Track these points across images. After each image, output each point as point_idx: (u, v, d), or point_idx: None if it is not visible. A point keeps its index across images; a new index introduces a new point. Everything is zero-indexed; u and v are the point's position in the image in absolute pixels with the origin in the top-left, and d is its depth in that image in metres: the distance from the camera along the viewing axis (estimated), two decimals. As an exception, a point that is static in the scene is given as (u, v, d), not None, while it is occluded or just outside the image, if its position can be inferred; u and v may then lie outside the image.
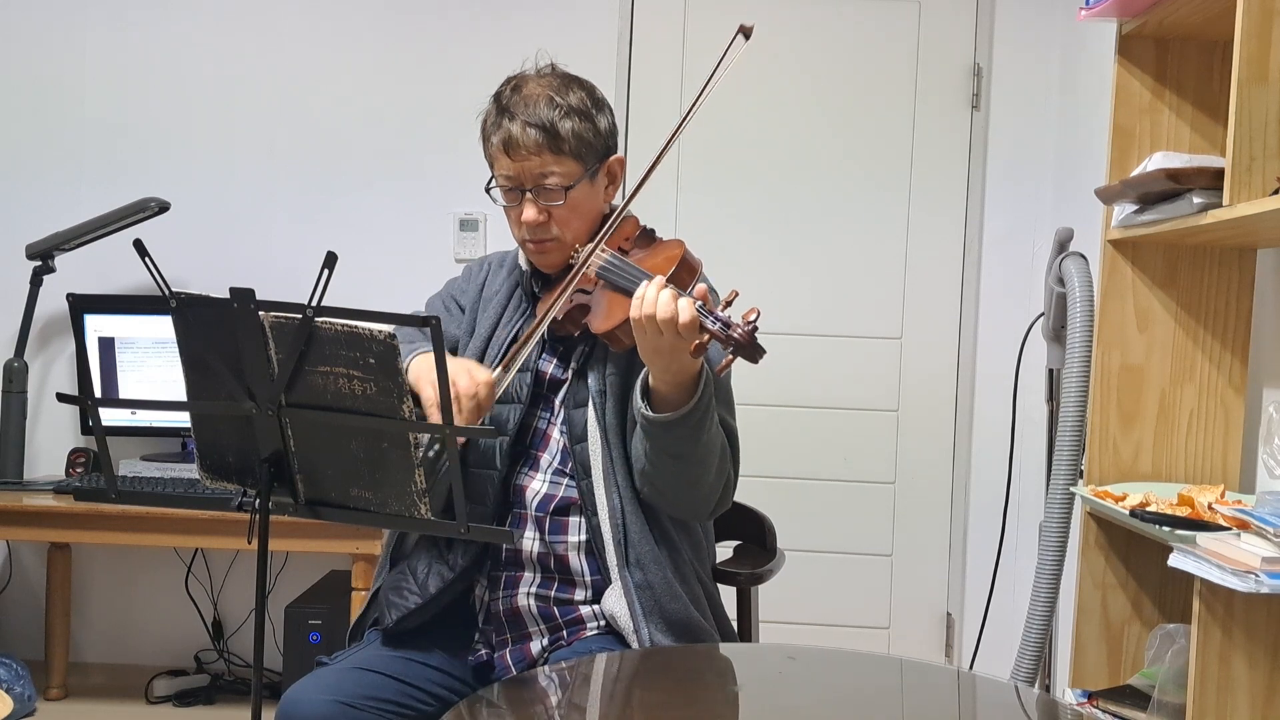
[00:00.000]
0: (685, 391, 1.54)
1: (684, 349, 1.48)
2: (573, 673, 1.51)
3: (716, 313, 1.47)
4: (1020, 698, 1.58)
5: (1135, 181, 1.96)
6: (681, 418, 1.54)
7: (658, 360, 1.51)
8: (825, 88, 3.32)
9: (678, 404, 1.54)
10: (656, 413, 1.55)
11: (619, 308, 1.59)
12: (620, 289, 1.61)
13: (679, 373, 1.53)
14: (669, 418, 1.54)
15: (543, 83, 1.69)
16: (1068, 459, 2.22)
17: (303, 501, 1.48)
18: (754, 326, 1.44)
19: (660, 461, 1.58)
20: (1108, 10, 2.09)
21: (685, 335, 1.46)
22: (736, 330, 1.44)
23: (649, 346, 1.50)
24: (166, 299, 1.42)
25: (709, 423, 1.58)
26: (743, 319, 1.45)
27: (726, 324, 1.45)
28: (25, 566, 3.38)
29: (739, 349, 1.44)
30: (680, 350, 1.48)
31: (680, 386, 1.54)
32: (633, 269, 1.62)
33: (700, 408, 1.54)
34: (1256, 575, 1.51)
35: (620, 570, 1.63)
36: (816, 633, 3.31)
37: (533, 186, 1.66)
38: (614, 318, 1.60)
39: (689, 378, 1.54)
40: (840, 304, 3.33)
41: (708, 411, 1.57)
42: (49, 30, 3.33)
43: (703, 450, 1.58)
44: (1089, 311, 2.20)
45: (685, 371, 1.53)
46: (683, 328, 1.45)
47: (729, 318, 1.46)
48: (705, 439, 1.58)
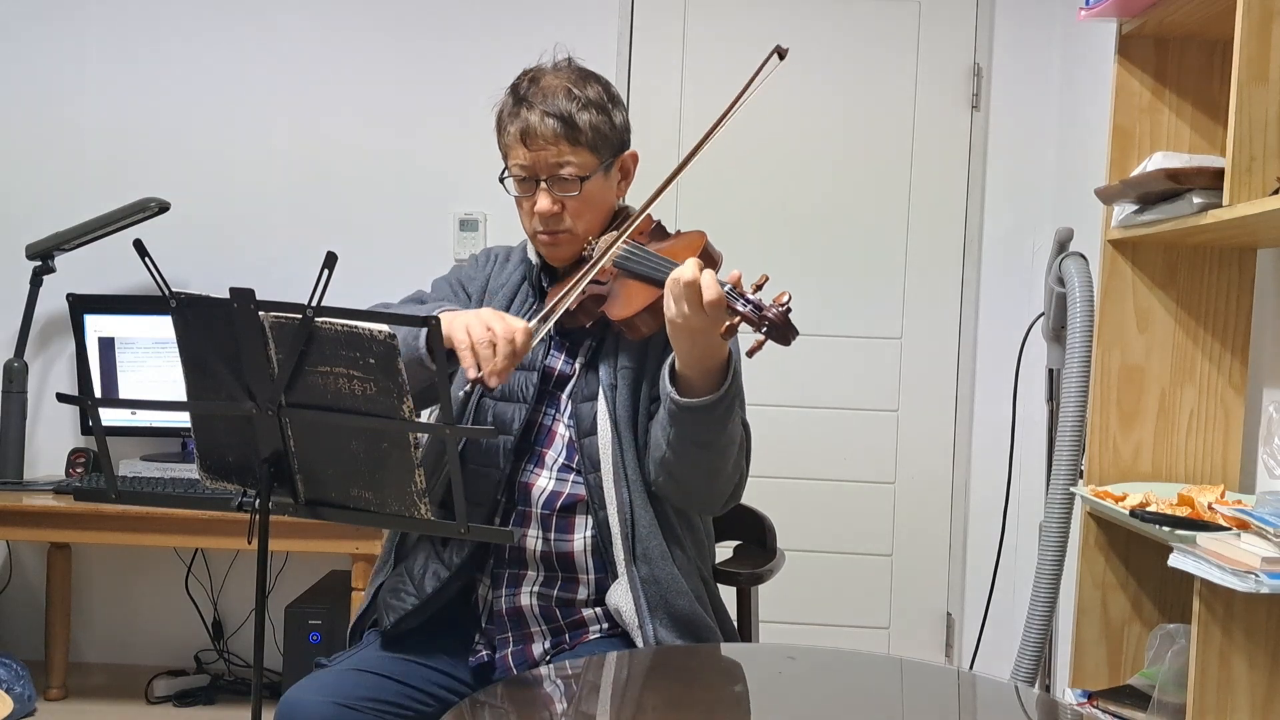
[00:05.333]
0: (712, 378, 1.53)
1: (713, 329, 1.46)
2: (574, 671, 1.51)
3: (748, 295, 1.45)
4: (1020, 698, 1.58)
5: (1135, 181, 1.96)
6: (712, 404, 1.52)
7: (686, 341, 1.50)
8: (825, 88, 3.32)
9: (704, 391, 1.53)
10: (685, 398, 1.54)
11: (640, 294, 1.58)
12: (641, 276, 1.61)
13: (706, 357, 1.51)
14: (700, 403, 1.52)
15: (560, 75, 1.69)
16: (1068, 459, 2.22)
17: (303, 501, 1.48)
18: (787, 308, 1.43)
19: (684, 449, 1.57)
20: (1108, 10, 2.09)
21: (711, 313, 1.44)
22: (770, 312, 1.42)
23: (679, 327, 1.48)
24: (166, 299, 1.42)
25: (736, 411, 1.58)
26: (774, 301, 1.43)
27: (759, 305, 1.44)
28: (25, 566, 3.38)
29: (772, 330, 1.42)
30: (710, 331, 1.47)
31: (708, 372, 1.53)
32: (654, 257, 1.62)
33: (730, 394, 1.54)
34: (1256, 575, 1.51)
35: (627, 565, 1.62)
36: (816, 633, 3.31)
37: (548, 177, 1.66)
38: (635, 304, 1.59)
39: (717, 363, 1.53)
40: (840, 304, 3.33)
41: (736, 399, 1.57)
42: (49, 30, 3.33)
43: (726, 439, 1.58)
44: (1089, 311, 2.20)
45: (713, 356, 1.52)
46: (709, 305, 1.44)
47: (760, 299, 1.45)
48: (731, 427, 1.57)
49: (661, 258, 1.60)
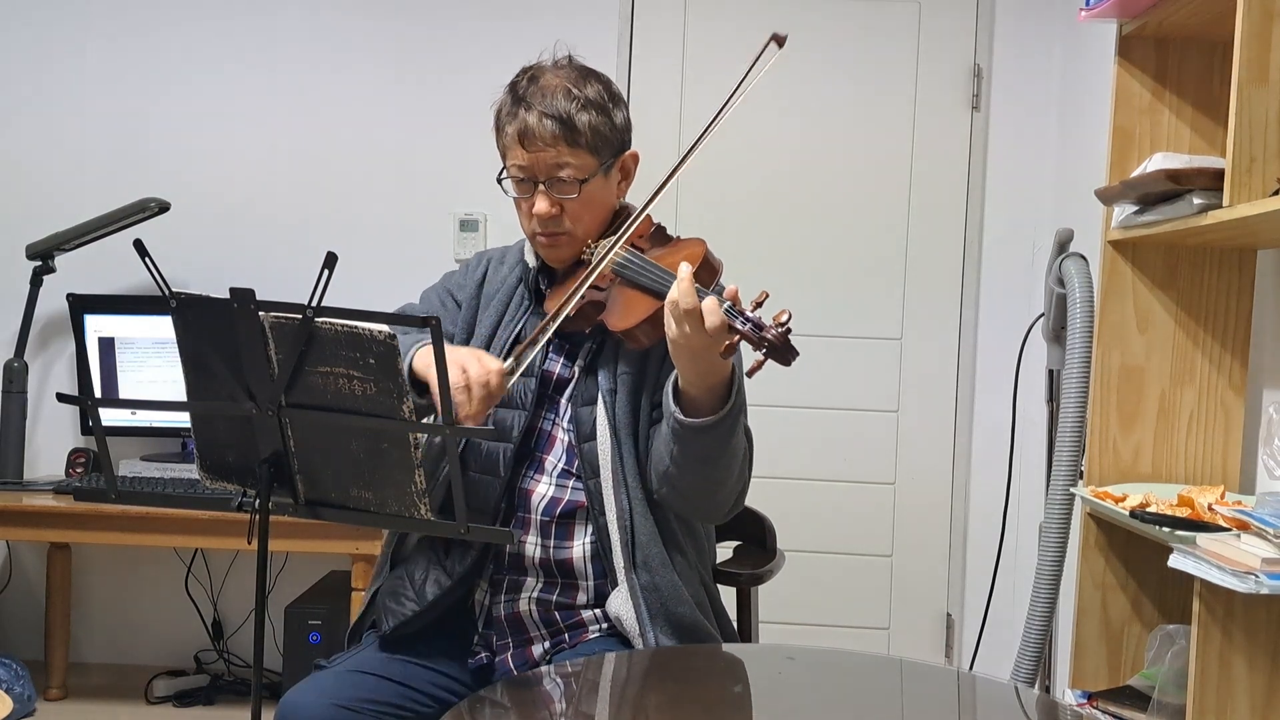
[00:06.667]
0: (716, 395, 1.51)
1: (714, 349, 1.44)
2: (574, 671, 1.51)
3: (747, 313, 1.43)
4: (1020, 698, 1.58)
5: (1135, 182, 1.96)
6: (715, 423, 1.51)
7: (688, 360, 1.48)
8: (825, 88, 3.32)
9: (707, 407, 1.51)
10: (688, 416, 1.52)
11: (638, 305, 1.56)
12: (639, 286, 1.59)
13: (708, 374, 1.49)
14: (703, 423, 1.50)
15: (560, 74, 1.66)
16: (1068, 459, 2.22)
17: (303, 501, 1.48)
18: (787, 328, 1.41)
19: (687, 465, 1.55)
20: (1108, 11, 2.09)
21: (715, 336, 1.43)
22: (770, 332, 1.40)
23: (680, 346, 1.46)
24: (166, 299, 1.42)
25: (739, 428, 1.56)
26: (774, 320, 1.41)
27: (758, 325, 1.41)
28: (25, 566, 3.38)
29: (771, 350, 1.40)
30: (710, 350, 1.45)
31: (711, 390, 1.51)
32: (653, 266, 1.59)
33: (734, 413, 1.52)
34: (1256, 576, 1.51)
35: (627, 573, 1.61)
36: (816, 633, 3.31)
37: (547, 179, 1.63)
38: (633, 316, 1.57)
39: (719, 380, 1.51)
40: (840, 304, 3.32)
41: (739, 417, 1.55)
42: (50, 30, 3.33)
43: (729, 455, 1.56)
44: (1089, 312, 2.20)
45: (715, 374, 1.50)
46: (712, 331, 1.42)
47: (760, 318, 1.42)
48: (734, 443, 1.55)
49: (662, 269, 1.57)
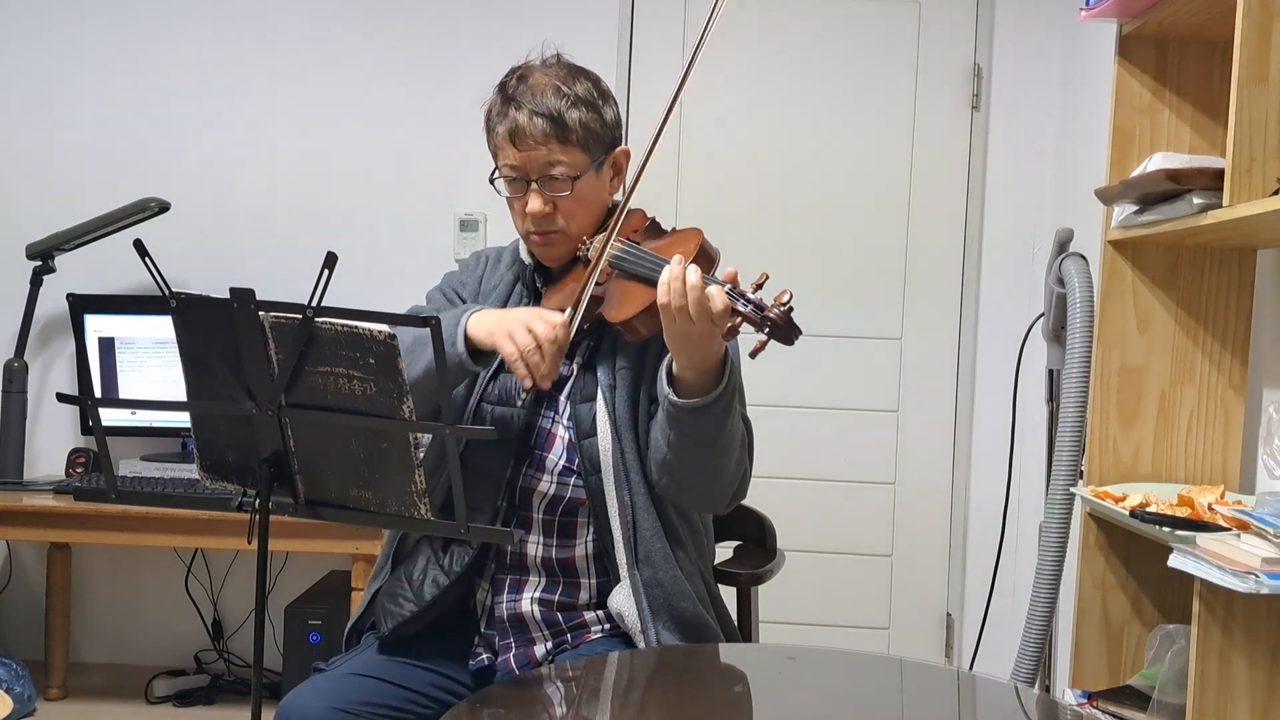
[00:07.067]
0: (710, 376, 1.52)
1: (715, 335, 1.45)
2: (574, 672, 1.51)
3: (748, 295, 1.42)
4: (1020, 698, 1.58)
5: (1135, 182, 1.96)
6: (711, 403, 1.51)
7: (686, 347, 1.48)
8: (826, 88, 3.32)
9: (702, 389, 1.51)
10: (682, 398, 1.52)
11: (637, 296, 1.56)
12: (637, 277, 1.59)
13: (706, 358, 1.49)
14: (698, 403, 1.51)
15: (549, 73, 1.67)
16: (1068, 459, 2.22)
17: (303, 501, 1.48)
18: (789, 307, 1.40)
19: (685, 449, 1.55)
20: (1108, 10, 2.09)
21: (718, 322, 1.43)
22: (772, 312, 1.40)
23: (678, 334, 1.46)
24: (166, 299, 1.42)
25: (735, 408, 1.56)
26: (775, 300, 1.41)
27: (760, 306, 1.41)
28: (25, 566, 3.38)
29: (775, 331, 1.40)
30: (711, 336, 1.45)
31: (706, 372, 1.51)
32: (650, 256, 1.59)
33: (729, 392, 1.52)
34: (1256, 576, 1.51)
35: (629, 569, 1.61)
36: (816, 633, 3.31)
37: (539, 177, 1.64)
38: (631, 307, 1.57)
39: (715, 363, 1.51)
40: (840, 304, 3.32)
41: (735, 395, 1.55)
42: (49, 30, 3.33)
43: (727, 437, 1.56)
44: (1089, 312, 2.20)
45: (712, 357, 1.50)
46: (716, 315, 1.42)
47: (761, 300, 1.42)
48: (731, 425, 1.56)
49: (658, 257, 1.58)
